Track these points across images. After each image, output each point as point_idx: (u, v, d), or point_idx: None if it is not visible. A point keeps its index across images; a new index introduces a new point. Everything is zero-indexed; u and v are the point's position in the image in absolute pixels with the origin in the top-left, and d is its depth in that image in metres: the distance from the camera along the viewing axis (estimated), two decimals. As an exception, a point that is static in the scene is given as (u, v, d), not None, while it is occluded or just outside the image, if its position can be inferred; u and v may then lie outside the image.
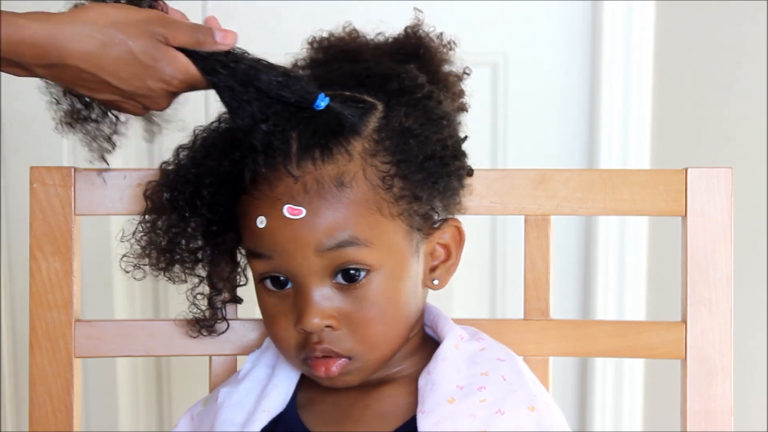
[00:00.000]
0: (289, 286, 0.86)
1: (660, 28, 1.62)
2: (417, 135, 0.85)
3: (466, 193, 0.94)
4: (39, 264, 1.00)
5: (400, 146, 0.84)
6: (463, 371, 0.87)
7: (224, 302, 0.95)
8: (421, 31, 0.96)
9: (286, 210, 0.82)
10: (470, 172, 0.95)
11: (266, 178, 0.83)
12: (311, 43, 0.97)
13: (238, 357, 1.02)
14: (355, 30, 0.96)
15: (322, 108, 0.83)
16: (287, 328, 0.86)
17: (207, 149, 0.87)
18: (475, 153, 1.67)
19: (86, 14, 0.81)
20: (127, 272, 0.91)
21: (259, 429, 0.88)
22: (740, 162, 1.55)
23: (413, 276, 0.87)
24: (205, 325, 0.96)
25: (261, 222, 0.84)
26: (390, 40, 0.96)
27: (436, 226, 0.88)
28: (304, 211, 0.82)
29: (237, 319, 1.01)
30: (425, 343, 0.93)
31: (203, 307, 0.94)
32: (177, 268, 0.90)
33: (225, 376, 1.01)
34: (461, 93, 0.98)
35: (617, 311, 1.67)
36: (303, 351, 0.86)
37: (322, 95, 0.83)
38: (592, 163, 1.67)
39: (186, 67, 0.83)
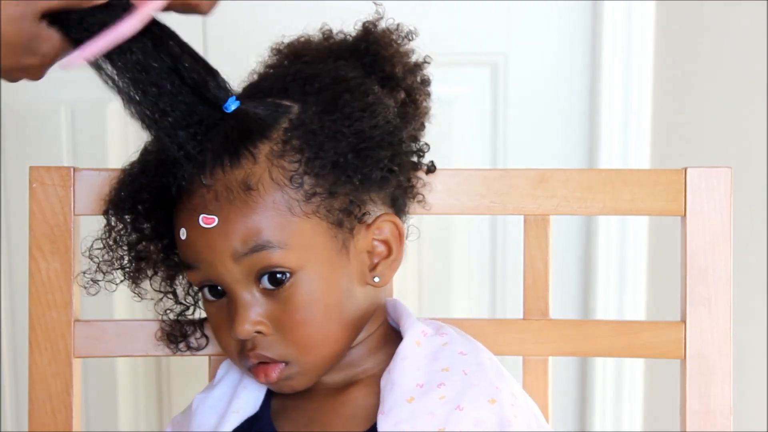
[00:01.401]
0: (215, 297, 0.86)
1: (660, 28, 1.62)
2: (327, 130, 0.84)
3: (426, 189, 0.94)
4: (38, 264, 1.00)
5: (308, 144, 0.83)
6: (424, 368, 0.86)
7: (201, 320, 0.95)
8: (378, 25, 0.94)
9: (201, 220, 0.83)
10: (431, 169, 0.94)
11: (186, 189, 0.84)
12: (273, 49, 0.96)
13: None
14: (329, 31, 0.95)
15: (230, 111, 0.83)
16: (227, 336, 0.86)
17: (143, 164, 0.87)
18: (475, 153, 1.69)
19: None
20: (85, 287, 0.91)
21: (230, 429, 0.89)
22: (740, 162, 1.55)
23: (344, 274, 0.86)
24: (177, 340, 0.97)
25: (182, 234, 0.84)
26: (349, 38, 0.95)
27: (365, 221, 0.87)
28: (216, 220, 0.82)
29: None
30: (390, 340, 0.91)
31: (173, 323, 0.95)
32: (141, 283, 0.90)
33: (224, 376, 1.01)
34: (426, 81, 0.96)
35: (617, 311, 1.67)
36: (243, 359, 0.86)
37: (233, 98, 0.83)
38: (592, 163, 1.67)
39: (61, 43, 0.82)
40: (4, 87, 1.66)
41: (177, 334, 0.96)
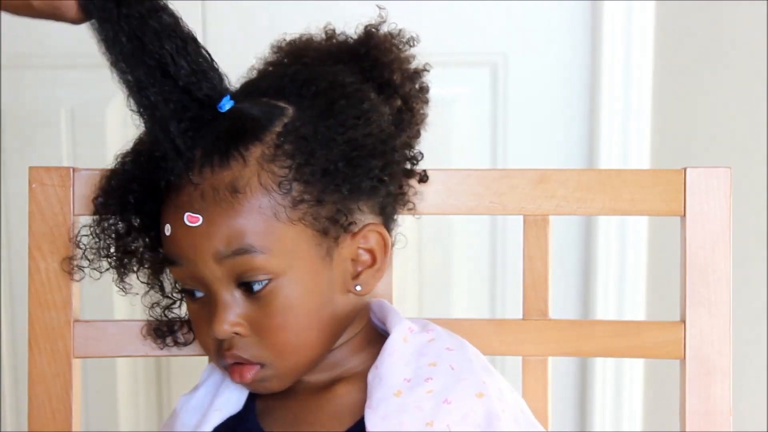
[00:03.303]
0: (197, 294, 0.86)
1: (660, 28, 1.62)
2: (320, 137, 0.83)
3: (414, 195, 0.94)
4: (38, 264, 1.00)
5: (300, 150, 0.83)
6: (411, 363, 0.86)
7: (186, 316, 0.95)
8: (380, 29, 0.94)
9: (186, 218, 0.82)
10: (423, 178, 0.94)
11: (174, 185, 0.83)
12: (273, 47, 0.96)
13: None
14: (332, 31, 0.95)
15: (224, 111, 0.82)
16: (206, 335, 0.87)
17: (135, 155, 0.87)
18: (475, 153, 1.69)
19: None
20: (69, 273, 0.92)
21: (211, 428, 0.89)
22: (740, 162, 1.56)
23: (325, 282, 0.86)
24: (164, 335, 0.96)
25: (167, 230, 0.84)
26: (350, 40, 0.95)
27: (351, 230, 0.86)
28: (201, 219, 0.82)
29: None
30: (374, 340, 0.91)
31: (159, 317, 0.94)
32: (127, 276, 0.90)
33: (224, 376, 1.00)
34: (425, 89, 0.96)
35: (617, 311, 1.67)
36: (220, 358, 0.87)
37: (227, 97, 0.82)
38: (592, 163, 1.67)
39: None
40: (4, 87, 1.66)
41: (164, 329, 0.96)
